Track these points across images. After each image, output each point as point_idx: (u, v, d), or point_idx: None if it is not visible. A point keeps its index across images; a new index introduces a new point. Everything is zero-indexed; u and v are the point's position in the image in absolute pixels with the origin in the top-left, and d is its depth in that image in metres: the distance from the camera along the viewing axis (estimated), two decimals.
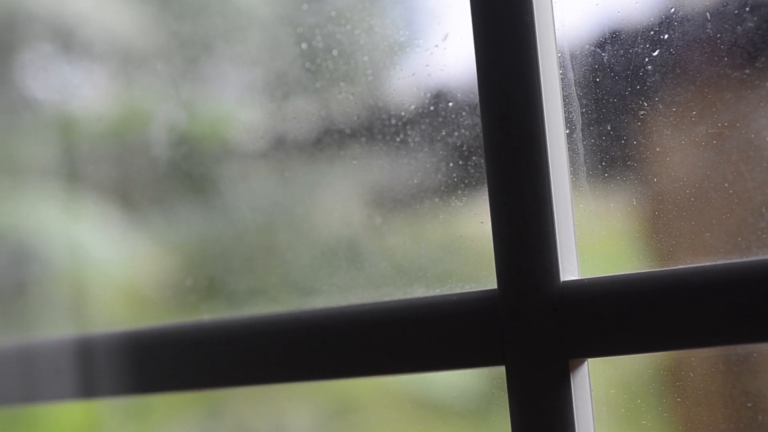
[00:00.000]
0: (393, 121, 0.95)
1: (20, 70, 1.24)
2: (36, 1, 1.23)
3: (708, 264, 0.75)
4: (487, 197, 0.81)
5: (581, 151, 0.83)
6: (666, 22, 0.80)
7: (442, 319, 0.83)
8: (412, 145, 0.94)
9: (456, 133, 0.91)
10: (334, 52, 0.98)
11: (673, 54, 0.80)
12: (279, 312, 0.92)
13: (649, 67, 0.81)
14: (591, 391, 0.79)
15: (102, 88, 1.22)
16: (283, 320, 0.91)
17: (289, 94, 1.04)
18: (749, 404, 0.81)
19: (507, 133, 0.80)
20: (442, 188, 0.93)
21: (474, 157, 0.90)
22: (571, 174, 0.81)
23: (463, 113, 0.90)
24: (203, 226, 1.12)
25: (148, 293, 1.17)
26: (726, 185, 0.79)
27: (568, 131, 0.82)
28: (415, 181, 0.95)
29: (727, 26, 0.78)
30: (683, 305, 0.74)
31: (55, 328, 1.17)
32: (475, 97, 0.85)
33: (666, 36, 0.80)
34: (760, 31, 0.77)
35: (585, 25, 0.83)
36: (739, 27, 0.77)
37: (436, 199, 0.94)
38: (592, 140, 0.83)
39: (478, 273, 0.91)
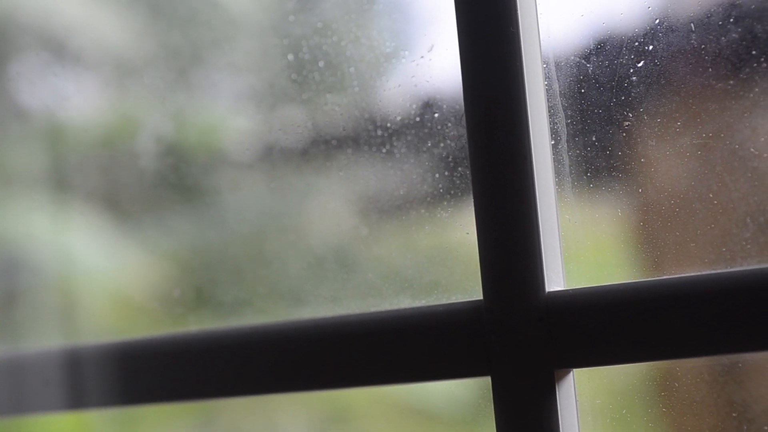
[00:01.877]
0: (379, 132, 0.94)
1: (10, 79, 1.24)
2: (26, 11, 1.23)
3: (693, 274, 0.75)
4: (473, 208, 0.81)
5: (566, 161, 0.83)
6: (651, 33, 0.80)
7: (428, 329, 0.83)
8: (398, 155, 0.94)
9: (442, 144, 0.91)
10: (321, 64, 0.98)
11: (658, 65, 0.80)
12: (266, 322, 0.92)
13: (634, 78, 0.81)
14: (576, 401, 0.79)
15: (92, 97, 1.22)
16: (270, 331, 0.91)
17: (276, 105, 1.04)
18: (734, 414, 0.81)
19: (492, 144, 0.80)
20: (428, 199, 0.93)
21: (460, 168, 0.90)
22: (557, 184, 0.81)
23: (449, 124, 0.90)
24: (192, 236, 1.12)
25: (137, 303, 1.17)
26: (711, 195, 0.79)
27: (553, 142, 0.82)
28: (402, 192, 0.95)
29: (711, 37, 0.78)
30: (668, 315, 0.74)
31: (45, 338, 1.17)
32: (460, 107, 0.85)
33: (651, 47, 0.80)
34: (744, 42, 0.77)
35: (570, 36, 0.83)
36: (723, 38, 0.78)
37: (422, 210, 0.93)
38: (578, 151, 0.83)
39: (464, 283, 0.91)
